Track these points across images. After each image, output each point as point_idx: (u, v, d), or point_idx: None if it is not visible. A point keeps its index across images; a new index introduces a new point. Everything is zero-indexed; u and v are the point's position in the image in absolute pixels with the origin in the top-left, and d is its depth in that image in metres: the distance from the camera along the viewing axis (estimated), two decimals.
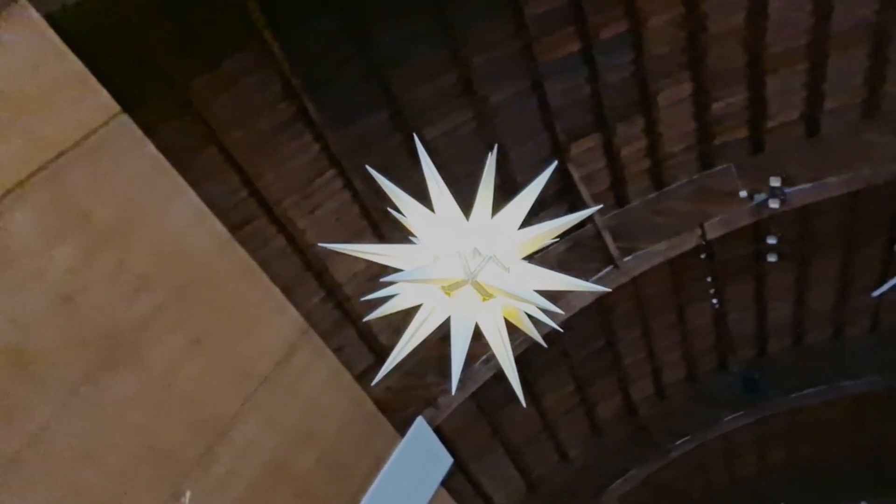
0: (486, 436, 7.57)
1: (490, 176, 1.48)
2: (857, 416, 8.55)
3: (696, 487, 10.03)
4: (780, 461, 9.65)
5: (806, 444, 9.35)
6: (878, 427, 8.65)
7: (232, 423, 3.31)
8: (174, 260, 2.88)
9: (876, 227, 6.39)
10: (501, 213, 1.59)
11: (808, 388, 7.41)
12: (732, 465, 9.74)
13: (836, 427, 8.86)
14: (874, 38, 5.20)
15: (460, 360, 1.43)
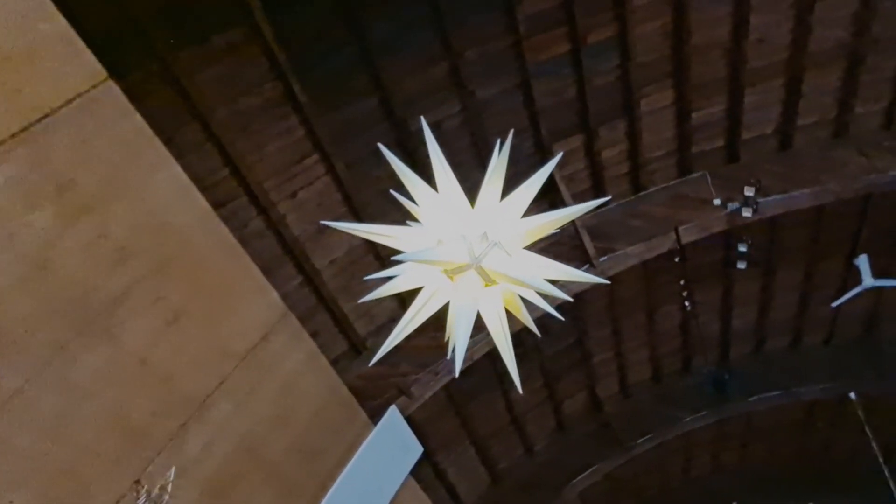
0: (454, 427, 7.58)
1: (502, 163, 1.46)
2: (807, 420, 8.83)
3: (653, 484, 10.24)
4: (734, 461, 9.91)
5: (758, 445, 9.63)
6: (827, 432, 8.95)
7: (206, 402, 3.22)
8: (155, 233, 2.78)
9: (838, 241, 6.59)
10: (505, 201, 1.57)
11: (764, 392, 7.61)
12: (688, 463, 9.97)
13: (787, 430, 9.15)
14: (848, 60, 5.34)
15: (464, 345, 1.40)
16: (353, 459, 4.42)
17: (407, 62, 4.58)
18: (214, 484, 3.38)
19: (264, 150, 4.37)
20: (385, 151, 1.56)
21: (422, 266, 1.55)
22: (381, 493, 4.78)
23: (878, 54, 5.24)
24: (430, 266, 1.50)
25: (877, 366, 7.37)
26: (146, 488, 2.26)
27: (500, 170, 1.47)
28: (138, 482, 2.32)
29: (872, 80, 5.39)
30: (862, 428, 7.34)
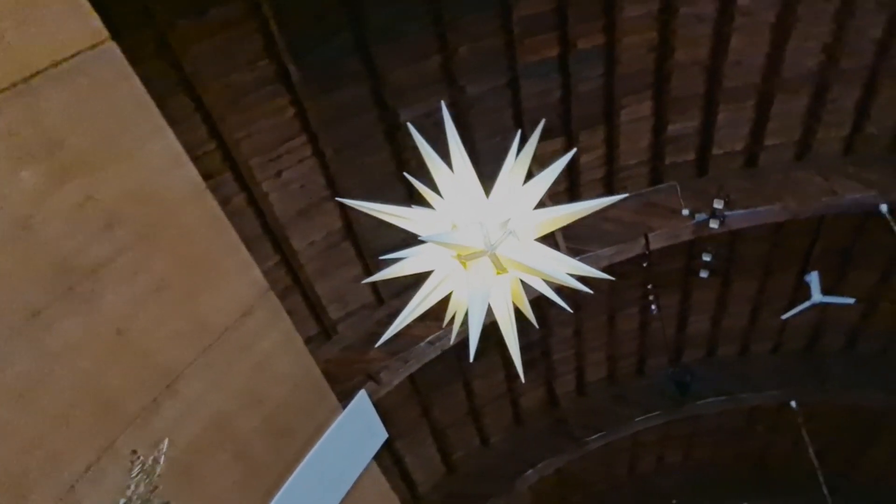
0: (415, 415, 7.60)
1: (529, 151, 1.47)
2: (749, 425, 9.21)
3: (600, 480, 10.49)
4: (677, 461, 10.25)
5: (701, 447, 9.98)
6: (766, 437, 9.36)
7: (181, 377, 3.14)
8: (144, 202, 2.68)
9: (792, 257, 6.88)
10: (519, 192, 1.58)
11: (713, 396, 7.90)
12: (635, 461, 10.26)
13: (729, 433, 9.51)
14: (815, 87, 5.57)
15: (478, 331, 1.40)
16: (319, 442, 4.38)
17: (401, 52, 4.54)
18: (182, 459, 3.30)
19: (252, 128, 4.27)
20: (413, 130, 1.54)
21: (435, 250, 1.54)
22: (344, 476, 4.76)
23: (843, 85, 5.48)
24: (446, 250, 1.49)
25: (818, 376, 7.75)
26: (141, 459, 2.19)
27: (525, 158, 1.48)
28: (135, 452, 2.25)
29: (836, 109, 5.64)
30: (799, 434, 7.70)
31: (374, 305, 6.00)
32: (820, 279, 6.25)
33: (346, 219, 5.26)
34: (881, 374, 7.60)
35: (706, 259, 6.20)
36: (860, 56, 5.30)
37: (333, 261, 5.50)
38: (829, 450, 7.84)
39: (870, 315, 7.37)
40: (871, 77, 5.40)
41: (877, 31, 5.15)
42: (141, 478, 2.01)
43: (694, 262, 6.70)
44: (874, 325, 7.53)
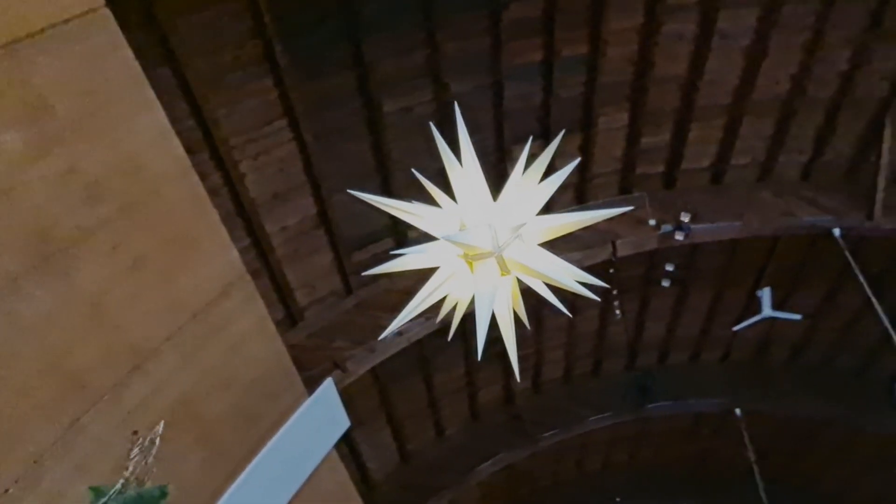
0: (374, 404, 7.64)
1: (547, 156, 1.53)
2: (694, 429, 9.62)
3: (548, 475, 10.78)
4: (623, 461, 10.63)
5: (647, 448, 10.38)
6: (709, 441, 9.80)
7: (151, 356, 3.09)
8: (128, 176, 2.63)
9: (747, 272, 7.21)
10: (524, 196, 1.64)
11: (663, 400, 8.21)
12: (583, 459, 10.58)
13: (674, 437, 9.92)
14: (781, 113, 5.85)
15: (484, 330, 1.45)
16: (284, 427, 4.37)
17: (389, 44, 4.54)
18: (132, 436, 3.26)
19: (234, 108, 4.20)
20: (434, 132, 1.58)
21: (441, 248, 1.59)
22: (305, 463, 4.76)
23: (808, 112, 5.77)
24: (453, 249, 1.54)
25: (762, 386, 8.16)
26: (140, 439, 2.16)
27: (541, 164, 1.54)
28: (136, 433, 2.21)
29: (799, 135, 5.93)
30: (740, 440, 8.11)
31: (342, 294, 6.00)
32: (771, 295, 6.58)
33: (321, 206, 5.23)
34: (819, 387, 8.07)
35: (669, 269, 6.44)
36: (825, 87, 5.59)
37: (305, 247, 5.47)
38: (767, 455, 8.28)
39: (813, 331, 7.81)
40: (833, 108, 5.70)
41: (842, 65, 5.44)
42: (139, 459, 1.98)
43: (656, 271, 6.95)
44: (816, 340, 7.98)
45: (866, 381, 8.00)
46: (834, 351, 8.07)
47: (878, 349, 7.67)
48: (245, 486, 3.99)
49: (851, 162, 6.04)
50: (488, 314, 1.47)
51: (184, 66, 3.78)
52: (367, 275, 1.79)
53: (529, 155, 5.44)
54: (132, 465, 1.93)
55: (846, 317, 7.56)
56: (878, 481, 9.04)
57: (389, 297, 5.79)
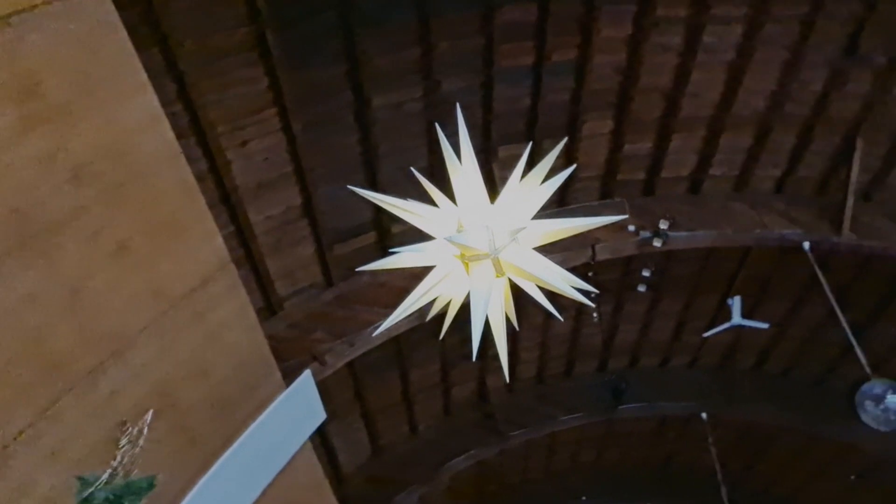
0: (348, 397, 7.62)
1: (548, 162, 1.55)
2: (659, 432, 9.83)
3: (516, 473, 10.89)
4: (590, 460, 10.79)
5: (613, 449, 10.56)
6: (674, 444, 10.03)
7: (130, 342, 3.03)
8: (116, 159, 2.57)
9: (718, 280, 7.39)
10: (520, 200, 1.66)
11: (632, 403, 8.37)
12: (551, 458, 10.71)
13: (640, 439, 10.12)
14: (759, 128, 6.00)
15: (479, 330, 1.47)
16: (259, 418, 4.33)
17: (383, 39, 4.52)
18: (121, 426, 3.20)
19: (224, 94, 4.14)
20: (440, 133, 1.59)
21: (439, 247, 1.60)
22: (279, 454, 4.72)
23: (784, 129, 5.94)
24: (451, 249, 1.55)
25: (728, 392, 8.38)
26: (129, 429, 2.12)
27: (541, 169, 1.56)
28: (125, 423, 2.17)
29: (774, 150, 6.10)
30: (704, 443, 8.31)
31: (322, 286, 5.96)
32: (742, 304, 6.76)
33: (306, 196, 5.19)
34: (781, 394, 8.33)
35: (645, 274, 6.55)
36: (801, 105, 5.76)
37: (288, 237, 5.42)
38: (729, 459, 8.50)
39: (778, 340, 8.04)
40: (807, 125, 5.87)
41: (818, 85, 5.61)
42: (128, 448, 1.95)
43: (632, 276, 7.07)
44: (781, 349, 8.22)
45: (825, 391, 8.27)
46: (796, 360, 8.33)
47: (837, 360, 7.94)
48: (219, 475, 3.95)
49: (823, 178, 6.24)
50: (483, 315, 1.50)
51: (174, 49, 3.70)
52: (360, 270, 1.80)
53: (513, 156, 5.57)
54: (120, 455, 1.90)
55: (809, 327, 7.81)
56: (832, 487, 9.38)
57: (370, 291, 5.78)
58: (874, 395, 4.96)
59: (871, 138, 5.80)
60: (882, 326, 7.14)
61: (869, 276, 6.81)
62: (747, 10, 5.18)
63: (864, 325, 6.65)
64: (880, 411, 4.92)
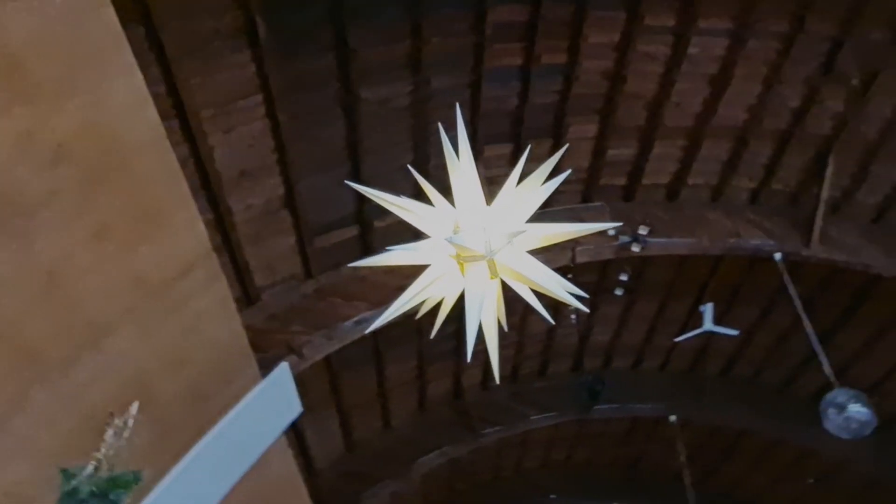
0: (324, 391, 7.56)
1: (549, 166, 1.55)
2: (629, 433, 9.98)
3: (488, 471, 10.94)
4: (561, 459, 10.91)
5: (584, 449, 10.68)
6: (642, 445, 10.19)
7: (107, 330, 2.95)
8: (99, 142, 2.49)
9: (691, 286, 7.52)
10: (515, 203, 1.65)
11: (604, 404, 8.47)
12: (522, 457, 10.79)
13: (611, 439, 10.26)
14: (737, 140, 6.12)
15: (474, 331, 1.46)
16: (234, 410, 4.25)
17: (374, 32, 4.48)
18: (94, 416, 3.11)
19: (209, 78, 4.04)
20: (443, 134, 1.57)
21: (435, 247, 1.59)
22: (253, 447, 4.65)
23: (761, 142, 6.07)
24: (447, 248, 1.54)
25: (696, 396, 8.56)
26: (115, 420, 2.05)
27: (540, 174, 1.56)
28: (112, 414, 2.10)
29: (751, 162, 6.23)
30: (673, 445, 8.47)
31: (301, 278, 5.89)
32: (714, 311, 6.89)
33: (288, 187, 5.11)
34: (747, 399, 8.53)
35: (622, 278, 6.63)
36: (778, 120, 5.89)
37: (269, 227, 5.34)
38: (695, 461, 8.68)
39: (746, 346, 8.23)
40: (783, 140, 6.01)
41: (795, 101, 5.74)
42: (113, 441, 1.89)
43: (608, 280, 7.15)
44: (748, 355, 8.42)
45: (789, 397, 8.50)
46: (763, 366, 8.54)
47: (801, 368, 8.17)
48: (191, 467, 3.87)
49: (795, 191, 6.39)
50: (478, 316, 1.49)
51: (161, 29, 3.60)
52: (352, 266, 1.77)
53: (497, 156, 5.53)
54: (105, 447, 1.84)
55: (776, 335, 8.00)
56: (793, 490, 9.65)
57: (350, 285, 5.73)
58: (837, 403, 5.11)
59: (842, 155, 5.96)
60: (844, 337, 7.36)
61: (834, 287, 7.01)
62: (732, 24, 5.28)
63: (828, 334, 6.84)
64: (843, 419, 5.08)
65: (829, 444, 7.71)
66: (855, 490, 8.82)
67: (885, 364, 7.44)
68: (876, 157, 5.88)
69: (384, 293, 5.65)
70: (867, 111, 5.63)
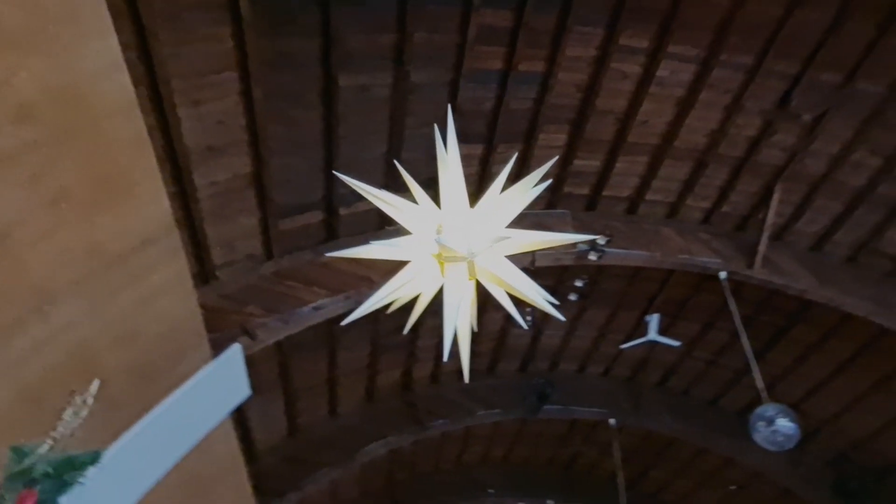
0: (272, 375, 7.42)
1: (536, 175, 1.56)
2: (568, 434, 10.24)
3: (429, 463, 11.00)
4: (500, 456, 11.08)
5: (523, 447, 10.89)
6: (579, 446, 10.48)
7: (55, 298, 2.80)
8: (67, 103, 2.35)
9: (640, 298, 7.77)
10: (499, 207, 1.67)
11: (547, 405, 8.66)
12: (463, 451, 10.90)
13: (550, 439, 10.50)
14: (696, 162, 6.34)
15: (451, 329, 1.47)
16: (182, 388, 4.12)
17: (359, 20, 4.40)
18: (33, 388, 2.95)
19: (184, 48, 3.88)
20: (437, 137, 1.56)
21: (416, 244, 1.58)
22: (198, 426, 4.52)
23: (718, 167, 6.31)
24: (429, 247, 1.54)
25: (635, 402, 8.86)
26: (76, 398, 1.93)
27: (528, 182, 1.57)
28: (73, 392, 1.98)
29: (706, 184, 6.47)
30: (608, 448, 8.74)
31: (261, 259, 5.75)
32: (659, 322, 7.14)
33: (256, 166, 4.97)
34: (679, 409, 8.90)
35: (578, 284, 6.77)
36: (734, 147, 6.14)
37: (232, 206, 5.18)
38: (626, 464, 8.99)
39: (683, 359, 8.57)
40: (737, 166, 6.27)
41: (751, 131, 6.00)
42: (72, 419, 1.78)
43: (564, 285, 7.30)
44: (684, 367, 8.77)
45: (718, 410, 8.92)
46: (697, 379, 8.91)
47: (731, 383, 8.58)
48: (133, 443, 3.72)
49: (744, 216, 6.68)
50: (456, 316, 1.49)
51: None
52: (331, 256, 1.74)
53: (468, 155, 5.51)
54: (63, 426, 1.74)
55: (713, 351, 8.37)
56: (713, 496, 10.15)
57: (311, 271, 5.63)
58: (767, 417, 5.39)
59: (788, 186, 6.27)
60: (774, 356, 7.77)
61: (770, 309, 7.38)
62: (701, 52, 5.46)
63: (760, 353, 7.20)
64: (770, 433, 5.36)
65: (749, 454, 8.16)
66: (769, 498, 9.35)
67: (807, 384, 7.91)
68: (818, 191, 6.20)
69: (345, 281, 5.59)
70: (815, 147, 5.94)
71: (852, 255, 6.52)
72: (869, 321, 6.35)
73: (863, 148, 5.81)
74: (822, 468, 8.27)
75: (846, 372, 7.52)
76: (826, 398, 7.90)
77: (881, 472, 7.91)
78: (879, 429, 7.71)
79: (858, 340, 7.16)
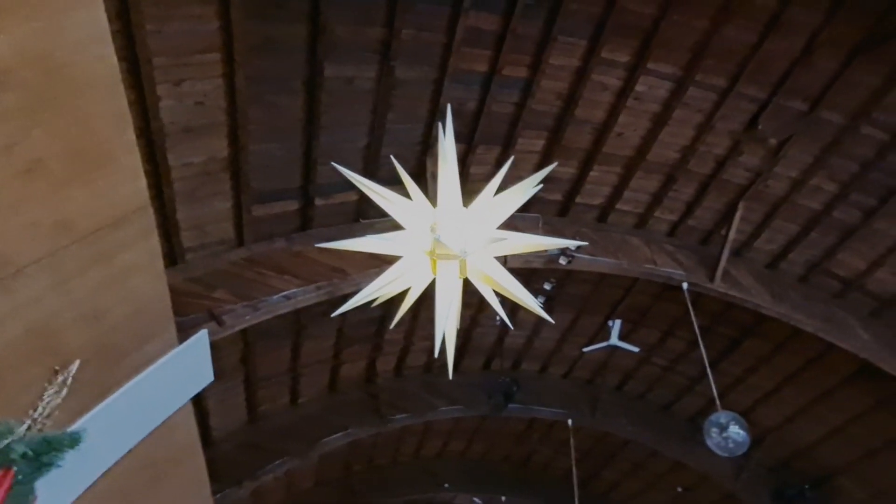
0: (234, 360, 7.29)
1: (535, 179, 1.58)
2: (526, 432, 10.38)
3: (386, 456, 10.99)
4: (458, 451, 11.16)
5: (481, 443, 10.99)
6: (535, 445, 10.64)
7: (20, 271, 2.68)
8: (48, 73, 2.25)
9: (604, 303, 7.93)
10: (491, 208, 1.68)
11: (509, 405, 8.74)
12: (422, 445, 10.94)
13: (507, 436, 10.63)
14: (666, 176, 6.50)
15: (443, 325, 1.47)
16: (145, 372, 4.01)
17: (349, 11, 4.35)
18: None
19: (168, 25, 3.76)
20: (440, 136, 1.56)
21: (409, 240, 1.58)
22: (159, 411, 4.40)
23: (686, 182, 6.49)
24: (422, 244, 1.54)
25: (593, 404, 9.04)
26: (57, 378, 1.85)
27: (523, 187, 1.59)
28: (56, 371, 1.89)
29: (675, 197, 6.64)
30: (565, 448, 8.90)
31: (232, 244, 5.63)
32: (621, 327, 7.30)
33: (234, 151, 4.87)
34: (634, 412, 9.13)
35: (546, 287, 6.86)
36: (703, 164, 6.32)
37: (206, 189, 5.06)
38: (579, 463, 9.17)
39: (642, 364, 8.80)
40: (704, 183, 6.46)
41: (720, 150, 6.19)
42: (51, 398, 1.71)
43: (532, 287, 7.38)
44: (642, 373, 9.00)
45: (671, 415, 9.19)
46: (653, 385, 9.16)
47: (685, 390, 8.85)
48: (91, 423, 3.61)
49: (707, 231, 6.90)
50: (448, 311, 1.50)
51: None
52: (321, 246, 1.73)
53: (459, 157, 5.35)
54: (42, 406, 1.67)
55: (670, 359, 8.62)
56: (661, 497, 10.45)
57: (283, 259, 5.55)
58: (720, 423, 5.59)
59: (750, 205, 6.50)
60: (726, 365, 8.05)
61: (725, 321, 7.64)
62: (677, 71, 5.60)
63: (715, 362, 7.45)
64: (722, 439, 5.56)
65: (697, 459, 8.44)
66: (713, 501, 9.69)
67: (755, 394, 8.22)
68: (778, 212, 6.45)
69: (318, 271, 5.53)
70: (777, 170, 6.17)
71: (805, 274, 6.81)
72: (817, 337, 6.64)
73: (821, 174, 6.07)
74: (764, 475, 8.62)
75: (792, 384, 7.85)
76: (772, 408, 8.24)
77: (819, 481, 8.30)
78: (820, 439, 8.09)
79: (806, 355, 7.48)
